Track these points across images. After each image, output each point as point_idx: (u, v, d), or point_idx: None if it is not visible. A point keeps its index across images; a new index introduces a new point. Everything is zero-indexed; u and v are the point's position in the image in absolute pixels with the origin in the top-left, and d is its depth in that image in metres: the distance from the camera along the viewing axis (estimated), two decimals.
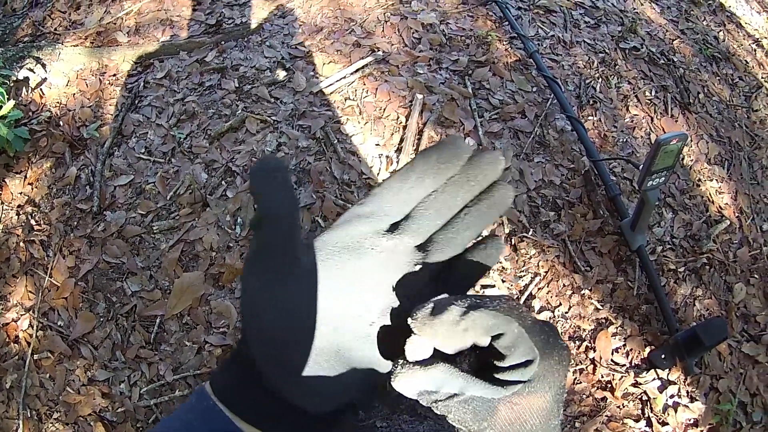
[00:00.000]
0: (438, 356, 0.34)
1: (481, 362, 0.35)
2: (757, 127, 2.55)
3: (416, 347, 0.33)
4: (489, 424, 0.33)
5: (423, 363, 0.33)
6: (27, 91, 2.18)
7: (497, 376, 0.33)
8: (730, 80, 2.65)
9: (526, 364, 0.33)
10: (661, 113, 2.30)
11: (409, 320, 0.32)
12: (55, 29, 2.41)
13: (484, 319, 0.31)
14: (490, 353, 0.33)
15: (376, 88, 2.10)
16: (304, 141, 1.96)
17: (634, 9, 2.69)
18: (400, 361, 0.33)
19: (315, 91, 2.08)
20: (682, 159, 2.21)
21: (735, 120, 2.49)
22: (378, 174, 1.92)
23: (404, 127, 2.01)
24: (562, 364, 0.35)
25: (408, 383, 0.32)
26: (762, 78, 2.78)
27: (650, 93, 2.35)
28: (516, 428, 0.33)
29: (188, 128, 2.01)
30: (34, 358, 1.73)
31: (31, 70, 2.19)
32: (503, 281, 1.82)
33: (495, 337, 0.33)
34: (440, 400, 0.33)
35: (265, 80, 2.11)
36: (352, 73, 2.13)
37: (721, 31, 2.86)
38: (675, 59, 2.51)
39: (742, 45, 2.89)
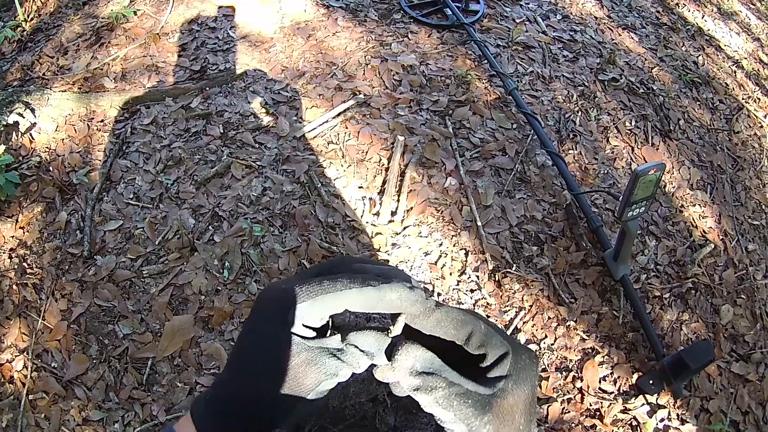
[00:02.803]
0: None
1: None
2: (739, 149, 2.58)
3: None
4: (489, 419, 0.37)
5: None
6: (17, 136, 2.20)
7: (486, 376, 0.39)
8: (710, 104, 2.69)
9: (502, 357, 0.38)
10: (641, 142, 2.34)
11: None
12: (44, 74, 2.44)
13: (455, 313, 0.37)
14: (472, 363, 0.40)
15: (358, 131, 2.14)
16: (288, 185, 1.99)
17: (612, 40, 2.74)
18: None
19: (298, 135, 2.12)
20: (664, 186, 2.24)
21: (716, 143, 2.52)
22: (362, 216, 1.95)
23: (386, 169, 2.04)
24: (532, 359, 0.40)
25: (406, 358, 0.38)
26: (742, 99, 2.82)
27: (630, 123, 2.39)
28: (509, 417, 0.38)
29: (175, 174, 2.04)
30: (29, 398, 1.73)
31: (20, 114, 2.21)
32: (488, 317, 1.84)
33: (466, 341, 0.38)
34: (440, 388, 0.37)
35: (250, 126, 2.15)
36: (334, 117, 2.17)
37: (700, 55, 2.91)
38: (654, 87, 2.55)
39: (722, 68, 2.93)
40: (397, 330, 0.41)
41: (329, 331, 0.42)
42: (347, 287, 0.39)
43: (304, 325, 0.41)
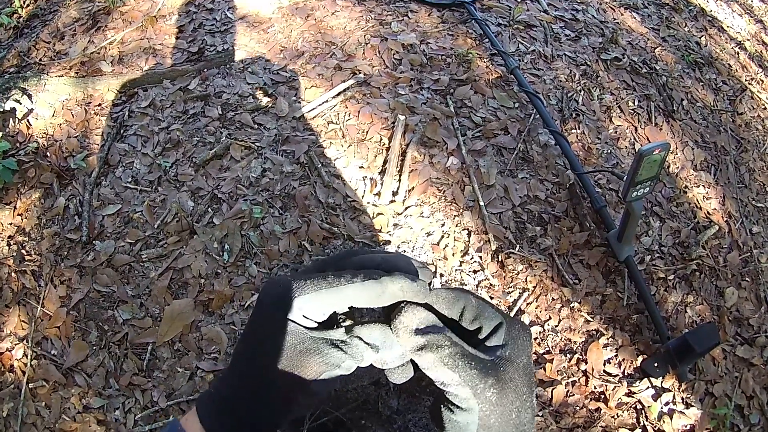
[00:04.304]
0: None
1: None
2: (743, 130, 2.56)
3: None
4: (493, 383, 0.38)
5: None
6: (14, 122, 2.19)
7: (485, 345, 0.40)
8: (713, 85, 2.66)
9: (497, 328, 0.40)
10: (644, 122, 2.32)
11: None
12: (40, 59, 2.42)
13: (447, 292, 0.39)
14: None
15: (359, 111, 2.11)
16: (288, 166, 1.97)
17: (615, 19, 2.71)
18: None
19: (298, 115, 2.09)
20: (668, 167, 2.22)
21: (720, 124, 2.50)
22: (363, 197, 1.92)
23: (387, 149, 2.02)
24: (525, 329, 0.42)
25: (410, 318, 0.39)
26: (745, 81, 2.79)
27: (633, 103, 2.36)
28: (512, 384, 0.39)
29: (173, 156, 2.02)
30: (30, 386, 1.72)
31: (17, 101, 2.20)
32: (491, 298, 1.83)
33: (460, 317, 0.39)
34: (446, 347, 0.38)
35: (248, 107, 2.12)
36: (334, 97, 2.14)
37: (702, 36, 2.88)
38: (657, 67, 2.52)
39: (724, 49, 2.90)
40: None
41: (335, 326, 0.42)
42: (350, 282, 0.39)
43: (305, 317, 0.41)
